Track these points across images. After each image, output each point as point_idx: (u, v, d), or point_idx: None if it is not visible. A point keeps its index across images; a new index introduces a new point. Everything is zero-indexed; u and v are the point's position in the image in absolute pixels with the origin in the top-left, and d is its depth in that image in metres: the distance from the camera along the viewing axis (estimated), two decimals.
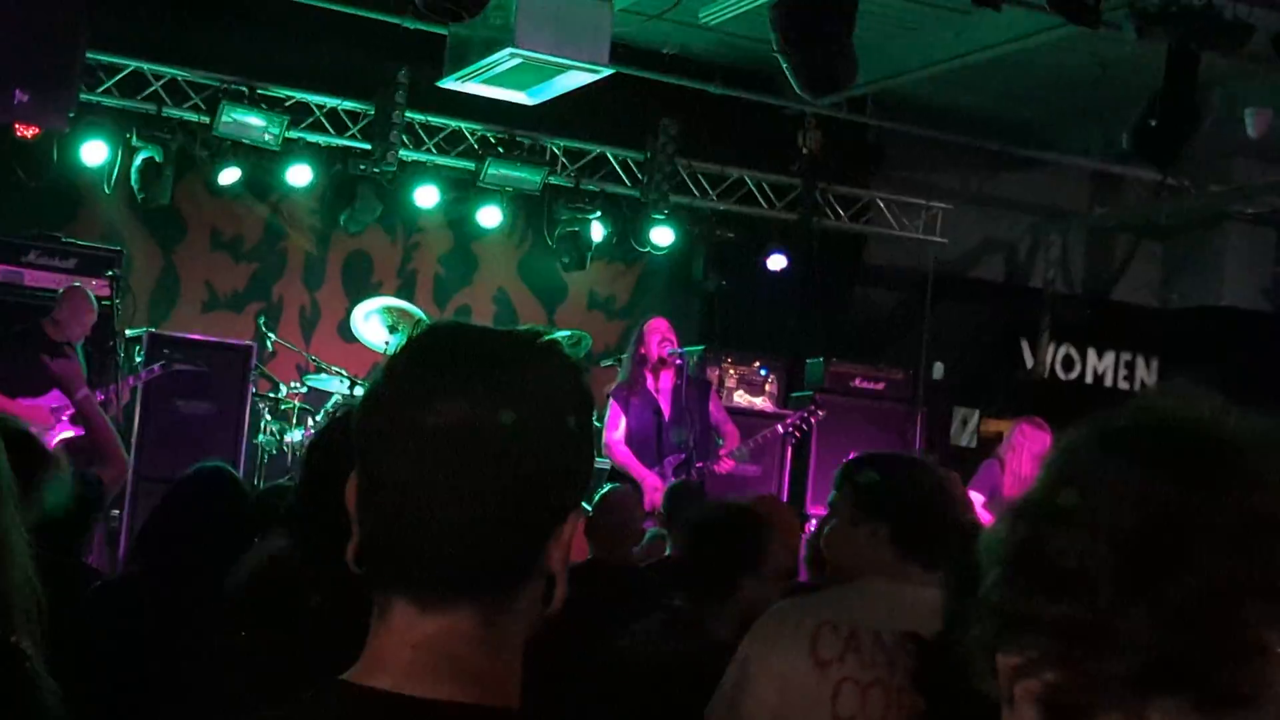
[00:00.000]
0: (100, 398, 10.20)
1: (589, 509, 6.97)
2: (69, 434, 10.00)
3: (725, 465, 10.75)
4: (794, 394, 13.44)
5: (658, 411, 10.66)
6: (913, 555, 4.00)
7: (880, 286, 14.82)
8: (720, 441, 10.88)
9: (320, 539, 2.63)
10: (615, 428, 10.56)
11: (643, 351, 10.68)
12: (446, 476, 1.67)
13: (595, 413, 1.91)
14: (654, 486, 10.37)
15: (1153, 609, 1.45)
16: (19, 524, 2.57)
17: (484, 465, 1.67)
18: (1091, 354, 15.53)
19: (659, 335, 10.65)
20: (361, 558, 1.74)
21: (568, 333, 12.05)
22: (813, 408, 11.68)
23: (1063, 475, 1.55)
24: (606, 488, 7.83)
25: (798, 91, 9.26)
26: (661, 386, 10.76)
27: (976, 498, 10.78)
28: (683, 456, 10.67)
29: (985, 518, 10.56)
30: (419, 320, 11.68)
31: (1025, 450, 10.86)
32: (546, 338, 1.79)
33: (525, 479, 1.69)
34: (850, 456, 4.32)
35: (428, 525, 1.68)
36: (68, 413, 10.20)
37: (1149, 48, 9.80)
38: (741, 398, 13.23)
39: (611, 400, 10.64)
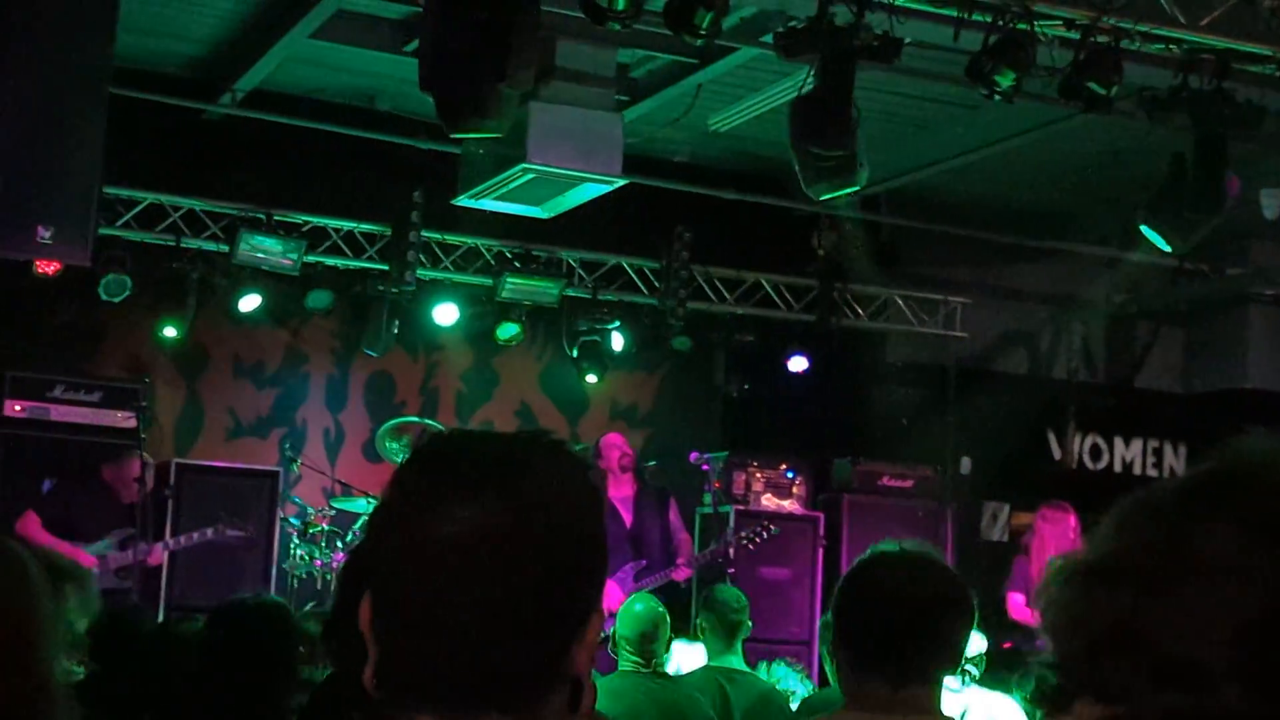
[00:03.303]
0: (131, 559, 10.23)
1: None
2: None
3: (683, 572, 11.01)
4: (821, 495, 13.37)
5: (619, 520, 10.92)
6: (865, 668, 3.42)
7: (903, 384, 14.78)
8: (675, 551, 11.25)
9: (354, 658, 2.60)
10: None
11: (601, 465, 11.07)
12: (463, 586, 1.63)
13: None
14: (610, 596, 10.53)
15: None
16: (62, 664, 2.54)
17: (501, 572, 1.64)
18: (1119, 442, 15.45)
19: (618, 450, 11.05)
20: (380, 679, 1.69)
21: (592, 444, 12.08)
22: (766, 523, 11.75)
23: (1154, 541, 1.39)
24: (630, 599, 7.80)
25: (803, 189, 9.27)
26: (622, 495, 11.05)
27: (1017, 598, 10.70)
28: (643, 563, 10.89)
29: (1029, 616, 10.48)
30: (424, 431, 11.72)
31: (1048, 534, 10.81)
32: (551, 438, 1.76)
33: (544, 583, 1.66)
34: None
35: (447, 638, 1.64)
36: (114, 565, 10.24)
37: (1162, 133, 9.83)
38: (769, 501, 13.16)
39: None
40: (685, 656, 7.99)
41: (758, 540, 11.67)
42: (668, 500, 11.46)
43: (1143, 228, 10.07)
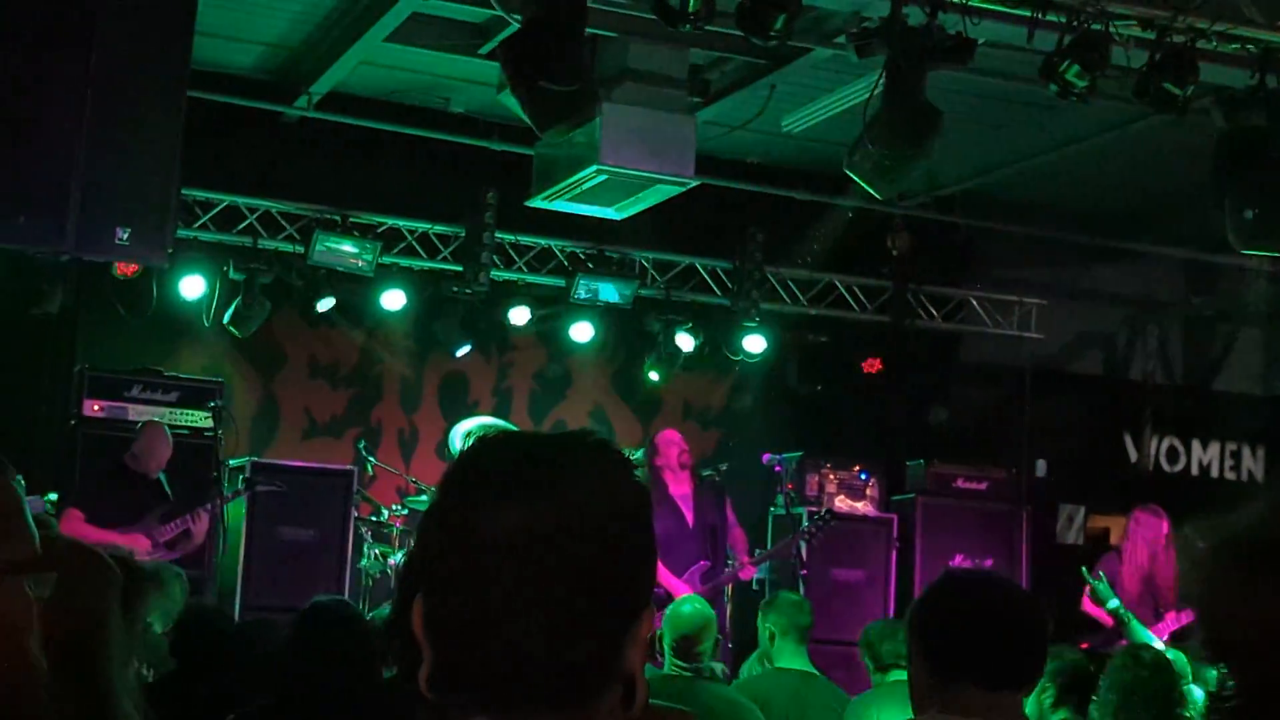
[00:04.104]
0: (178, 529, 10.34)
1: None
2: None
3: (749, 571, 10.96)
4: (895, 497, 13.32)
5: (681, 518, 10.88)
6: (957, 673, 3.38)
7: (977, 385, 14.70)
8: (730, 549, 11.15)
9: (415, 659, 2.63)
10: None
11: (658, 462, 11.05)
12: (515, 588, 1.64)
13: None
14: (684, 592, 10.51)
15: None
16: (133, 670, 2.57)
17: (552, 573, 1.64)
18: (1196, 445, 15.31)
19: (677, 447, 11.04)
20: (434, 682, 1.70)
21: None
22: (827, 513, 11.72)
23: None
24: (678, 600, 7.75)
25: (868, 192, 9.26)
26: (683, 493, 11.02)
27: None
28: (707, 564, 10.84)
29: (1100, 612, 10.41)
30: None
31: (1140, 538, 10.74)
32: (595, 437, 1.77)
33: (594, 582, 1.66)
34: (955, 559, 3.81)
35: (500, 640, 1.65)
36: (164, 538, 10.32)
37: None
38: (843, 503, 13.11)
39: None
40: None
41: (818, 532, 11.60)
42: (724, 497, 11.42)
43: (1246, 248, 9.88)
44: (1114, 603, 9.79)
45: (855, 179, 9.22)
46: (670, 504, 10.93)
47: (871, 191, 9.35)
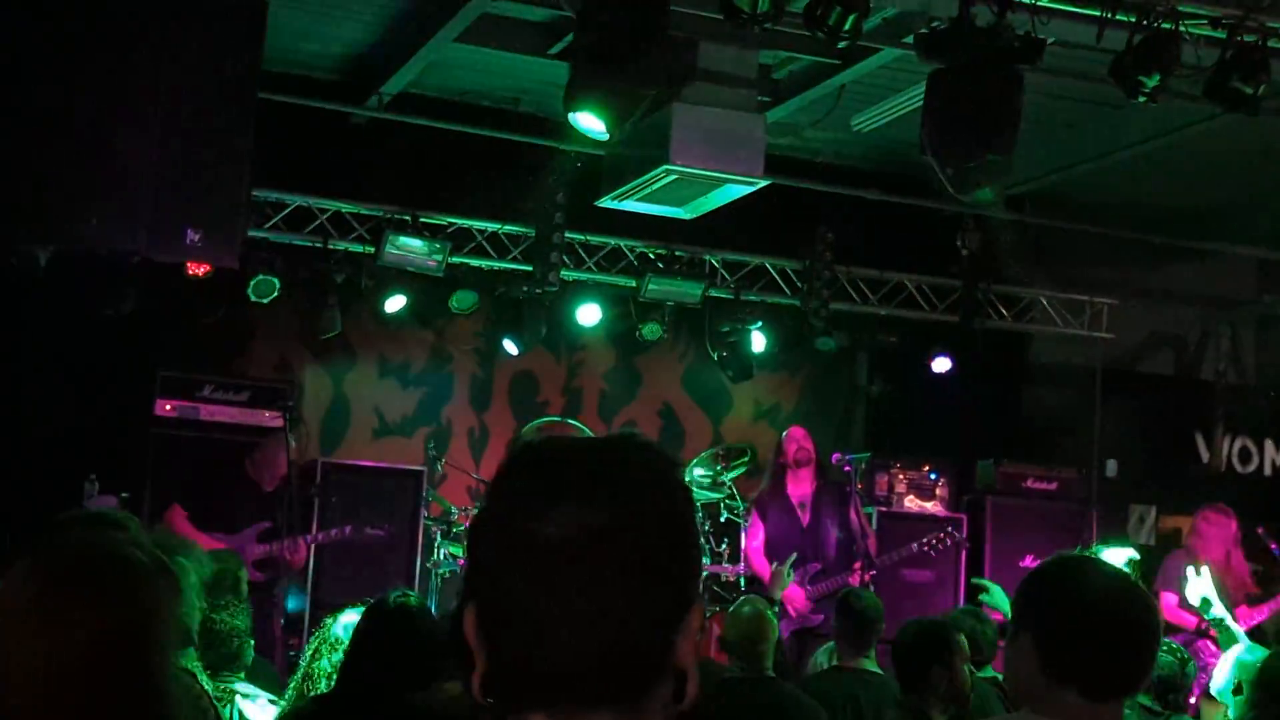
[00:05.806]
0: (269, 553, 10.42)
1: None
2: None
3: (856, 576, 10.92)
4: (965, 497, 13.27)
5: (796, 519, 10.82)
6: (1065, 678, 3.15)
7: (1047, 385, 14.61)
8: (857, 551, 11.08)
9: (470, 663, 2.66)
10: (754, 537, 10.74)
11: (781, 460, 10.96)
12: (568, 587, 1.67)
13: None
14: (789, 598, 10.47)
15: None
16: (175, 660, 2.59)
17: (604, 571, 1.67)
18: (1269, 445, 15.17)
19: (795, 444, 10.97)
20: (489, 685, 1.73)
21: (735, 444, 12.09)
22: (949, 530, 11.67)
23: None
24: (739, 602, 7.76)
25: (953, 194, 9.21)
26: (801, 494, 10.94)
27: (1169, 599, 10.52)
28: (819, 566, 10.78)
29: (1184, 618, 10.29)
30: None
31: (1212, 536, 10.65)
32: (640, 438, 1.80)
33: (649, 579, 1.70)
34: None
35: (560, 641, 1.67)
36: (253, 557, 10.42)
37: None
38: (912, 503, 13.09)
39: (752, 509, 10.85)
40: None
41: (941, 546, 11.57)
42: (849, 498, 11.34)
43: None
44: (1215, 613, 9.55)
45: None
46: (785, 503, 10.92)
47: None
